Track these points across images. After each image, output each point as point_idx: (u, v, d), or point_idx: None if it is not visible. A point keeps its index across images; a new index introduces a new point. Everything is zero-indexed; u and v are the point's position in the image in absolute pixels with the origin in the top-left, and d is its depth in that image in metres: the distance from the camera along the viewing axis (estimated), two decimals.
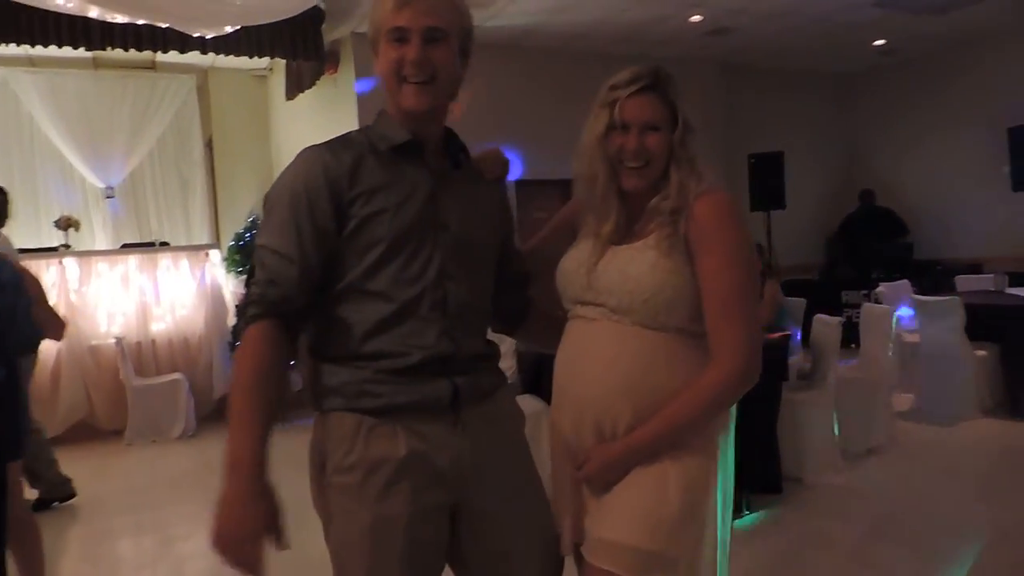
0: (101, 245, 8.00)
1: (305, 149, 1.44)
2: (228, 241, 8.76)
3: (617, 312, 1.44)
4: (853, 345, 5.42)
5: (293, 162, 1.43)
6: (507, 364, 4.36)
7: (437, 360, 1.39)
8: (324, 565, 1.46)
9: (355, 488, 1.36)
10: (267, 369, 1.32)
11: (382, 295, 1.38)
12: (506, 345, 4.37)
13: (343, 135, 1.48)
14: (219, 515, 1.26)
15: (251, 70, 8.77)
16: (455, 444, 1.40)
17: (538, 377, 4.19)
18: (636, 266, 1.42)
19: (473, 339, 1.48)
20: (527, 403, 4.11)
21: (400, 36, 1.38)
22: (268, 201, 1.42)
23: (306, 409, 1.48)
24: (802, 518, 3.69)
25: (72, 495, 4.57)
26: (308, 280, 1.36)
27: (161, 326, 6.71)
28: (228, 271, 7.75)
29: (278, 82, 8.40)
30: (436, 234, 1.41)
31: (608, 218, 1.49)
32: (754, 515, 3.68)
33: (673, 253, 1.41)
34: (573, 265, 1.52)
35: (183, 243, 7.99)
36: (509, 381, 4.40)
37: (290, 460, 1.80)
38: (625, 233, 1.49)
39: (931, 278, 7.68)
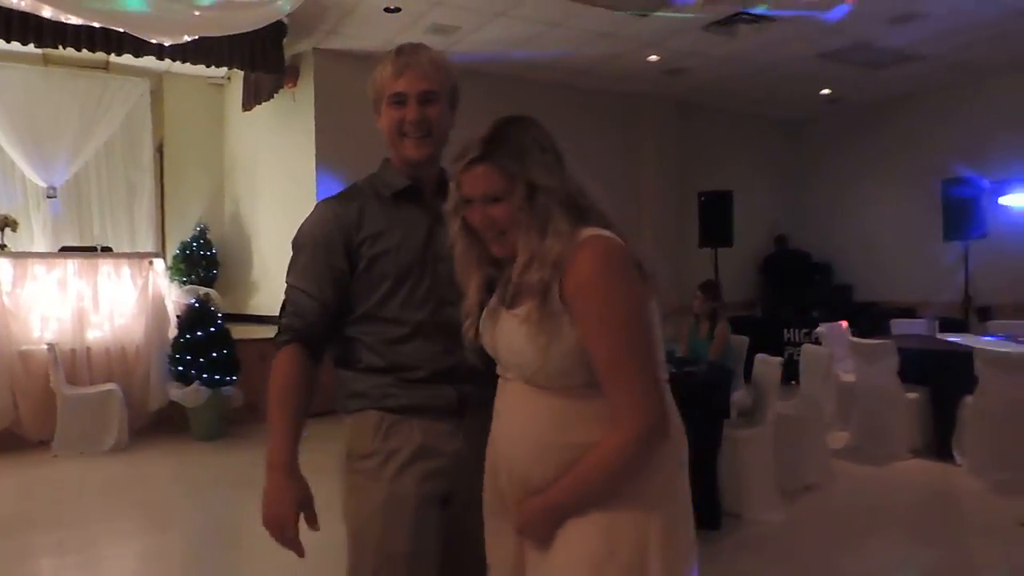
0: (39, 247, 7.74)
1: (320, 203, 1.75)
2: (174, 250, 8.57)
3: (518, 376, 1.44)
4: (793, 382, 5.56)
5: (312, 214, 1.74)
6: None
7: (443, 373, 1.65)
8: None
9: (374, 470, 1.64)
10: (294, 385, 1.63)
11: (394, 320, 1.66)
12: None
13: (352, 185, 1.77)
14: (264, 504, 1.58)
15: (208, 78, 8.65)
16: (456, 443, 1.66)
17: None
18: (517, 339, 1.40)
19: (477, 354, 1.60)
20: None
21: (399, 99, 1.65)
22: (295, 246, 1.72)
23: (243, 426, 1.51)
24: (740, 555, 3.75)
25: None
26: (327, 312, 1.67)
27: (98, 334, 6.49)
28: (172, 280, 7.57)
29: (235, 91, 8.31)
30: (435, 266, 1.66)
31: (470, 290, 1.51)
32: None
33: (546, 324, 1.36)
34: (483, 322, 1.51)
35: (126, 249, 7.78)
36: None
37: (228, 479, 1.84)
38: (514, 298, 1.44)
39: (868, 319, 7.95)
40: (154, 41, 5.73)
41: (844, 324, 6.85)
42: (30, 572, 3.76)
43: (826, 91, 9.14)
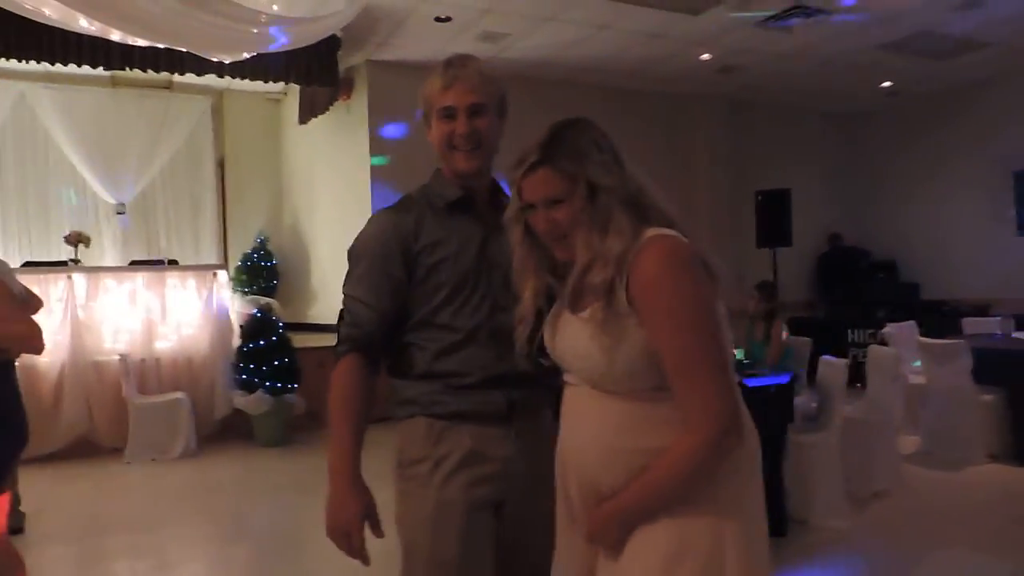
0: (110, 261, 8.04)
1: (377, 213, 1.78)
2: (236, 262, 8.80)
3: (582, 381, 1.44)
4: (859, 385, 5.40)
5: (369, 224, 1.76)
6: None
7: (494, 379, 1.66)
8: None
9: (424, 477, 1.66)
10: (354, 393, 1.65)
11: (448, 327, 1.68)
12: None
13: (405, 196, 1.79)
14: (327, 512, 1.60)
15: (266, 93, 8.86)
16: (507, 449, 1.68)
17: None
18: (582, 342, 1.39)
19: (523, 362, 1.62)
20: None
21: (449, 113, 1.67)
22: (352, 256, 1.74)
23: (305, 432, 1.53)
24: (807, 562, 3.65)
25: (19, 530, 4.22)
26: (384, 322, 1.68)
27: (166, 344, 6.71)
28: (235, 291, 7.77)
29: (292, 106, 8.49)
30: (489, 274, 1.69)
31: (526, 294, 1.52)
32: None
33: (612, 325, 1.34)
34: (546, 328, 1.51)
35: (191, 262, 8.02)
36: None
37: (292, 484, 1.88)
38: (577, 297, 1.43)
39: (937, 319, 7.66)
40: (215, 59, 5.91)
41: (912, 323, 6.62)
42: (106, 574, 3.90)
43: (886, 83, 8.86)
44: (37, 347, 2.65)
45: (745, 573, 1.35)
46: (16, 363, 2.81)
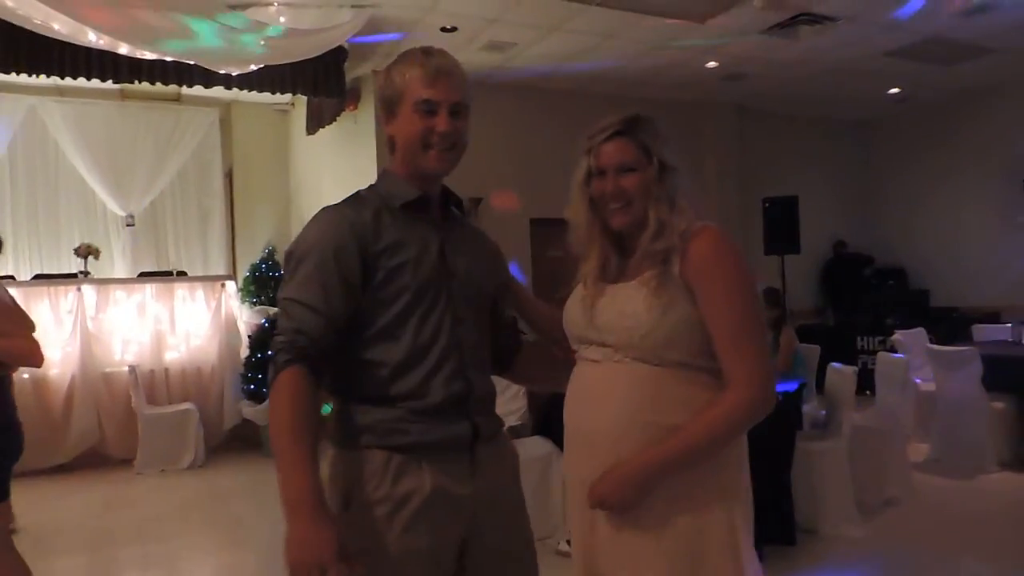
0: (120, 273, 8.08)
1: (326, 209, 1.56)
2: (244, 272, 8.84)
3: (618, 350, 1.50)
4: (868, 392, 5.37)
5: (317, 220, 1.54)
6: (517, 405, 4.35)
7: (456, 399, 1.51)
8: None
9: (383, 521, 1.44)
10: (305, 409, 1.40)
11: (406, 341, 1.49)
12: (517, 387, 4.35)
13: (354, 195, 1.61)
14: (290, 550, 1.34)
15: (273, 104, 8.91)
16: (471, 480, 1.51)
17: (548, 419, 4.17)
18: (631, 304, 1.49)
19: (484, 379, 1.61)
20: (538, 445, 4.09)
21: (430, 108, 1.51)
22: (293, 256, 1.52)
23: None
24: (817, 572, 3.62)
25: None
26: (333, 329, 1.46)
27: (175, 355, 6.74)
28: (243, 302, 7.80)
29: (299, 116, 8.54)
30: (449, 284, 1.54)
31: (591, 257, 1.60)
32: (768, 567, 3.61)
33: (665, 291, 1.47)
34: (574, 306, 1.61)
35: (200, 273, 8.06)
36: (520, 423, 4.40)
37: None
38: (620, 272, 1.57)
39: (947, 326, 7.62)
40: (222, 71, 5.96)
41: (922, 330, 6.59)
42: None
43: (894, 90, 8.84)
44: (37, 363, 2.66)
45: (750, 551, 1.50)
46: (13, 375, 2.82)
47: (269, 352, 1.47)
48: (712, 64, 7.58)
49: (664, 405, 1.46)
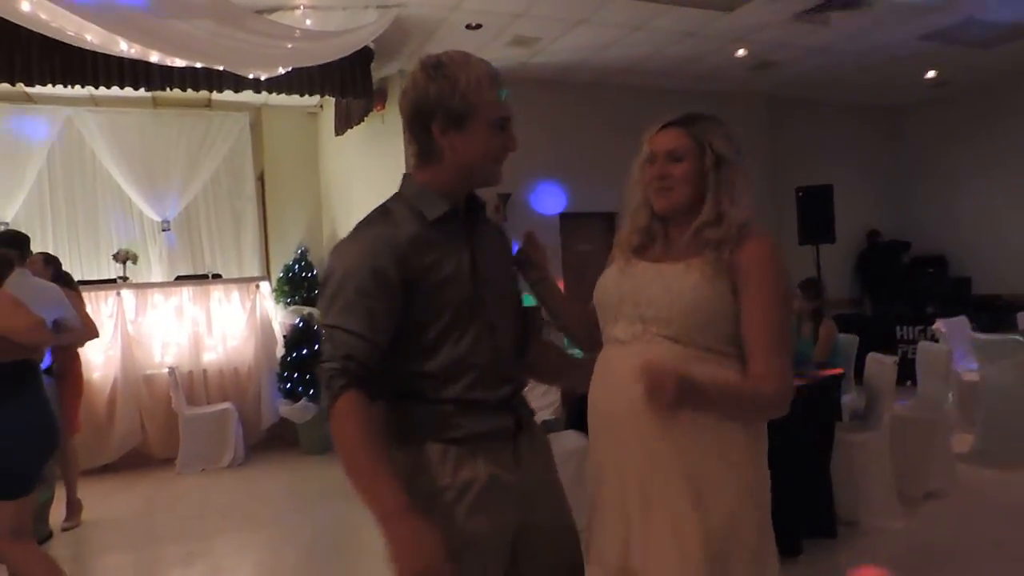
0: (157, 277, 8.22)
1: (360, 228, 1.55)
2: (278, 273, 8.94)
3: (654, 324, 1.55)
4: (909, 382, 5.26)
5: (353, 241, 1.53)
6: (551, 400, 4.34)
7: (500, 400, 1.58)
8: None
9: (447, 507, 1.49)
10: (372, 428, 1.44)
11: (446, 353, 1.53)
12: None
13: (382, 209, 1.59)
14: (405, 561, 1.34)
15: (302, 107, 8.99)
16: (517, 468, 1.58)
17: (582, 413, 4.15)
18: (680, 284, 1.54)
19: (518, 374, 1.68)
20: (572, 439, 4.08)
21: (503, 124, 1.55)
22: (332, 280, 1.50)
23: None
24: (859, 564, 3.56)
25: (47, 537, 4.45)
26: (379, 351, 1.48)
27: (212, 356, 6.84)
28: (277, 302, 7.89)
29: (328, 118, 8.60)
30: (482, 292, 1.57)
31: (636, 235, 1.67)
32: (809, 560, 3.56)
33: (715, 279, 1.53)
34: (613, 278, 1.67)
35: (235, 275, 8.17)
36: (553, 417, 4.40)
37: (338, 491, 1.85)
38: (664, 253, 1.64)
39: (990, 314, 7.44)
40: (251, 75, 6.02)
41: (964, 318, 6.44)
42: None
43: (931, 74, 8.64)
44: (42, 340, 2.79)
45: (773, 555, 1.58)
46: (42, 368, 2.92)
47: (317, 377, 1.53)
48: (741, 53, 7.48)
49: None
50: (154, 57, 5.46)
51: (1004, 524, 4.00)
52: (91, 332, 3.89)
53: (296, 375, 6.47)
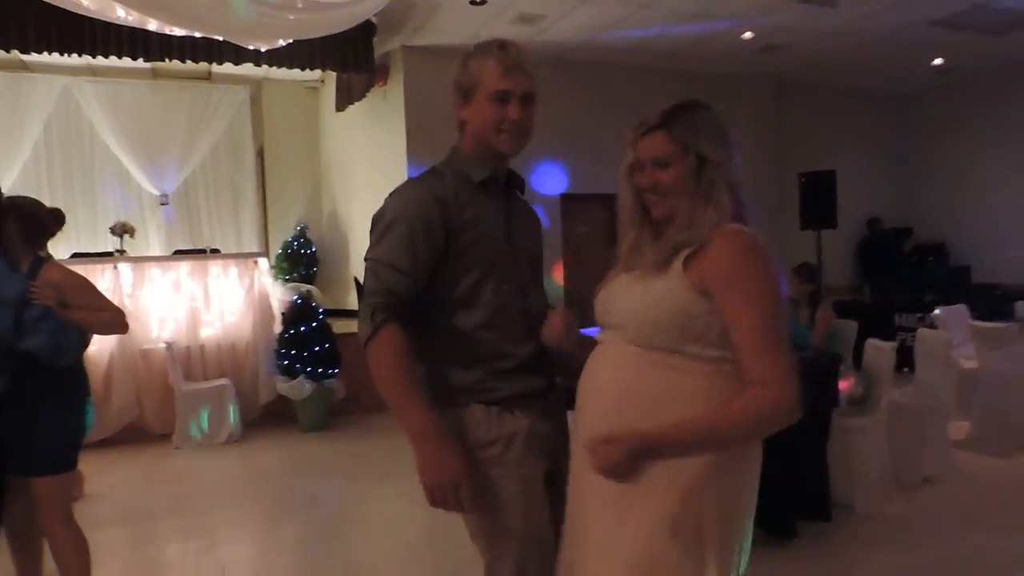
0: (155, 251, 8.20)
1: (412, 181, 1.74)
2: (276, 249, 8.91)
3: (620, 330, 1.56)
4: (906, 369, 5.26)
5: (405, 191, 1.71)
6: None
7: (532, 358, 1.72)
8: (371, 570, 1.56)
9: (499, 457, 1.66)
10: (408, 357, 1.61)
11: (480, 307, 1.68)
12: None
13: (432, 170, 1.75)
14: (425, 473, 1.56)
15: (303, 81, 8.92)
16: (551, 424, 1.75)
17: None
18: (641, 289, 1.53)
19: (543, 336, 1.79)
20: (570, 420, 4.08)
21: (503, 97, 1.68)
22: (383, 221, 1.67)
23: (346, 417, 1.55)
24: (852, 547, 3.58)
25: None
26: (418, 291, 1.65)
27: (210, 332, 6.82)
28: (275, 279, 7.87)
29: (329, 93, 8.54)
30: (516, 254, 1.74)
31: (625, 243, 1.64)
32: (803, 543, 3.58)
33: (662, 278, 1.49)
34: (600, 291, 1.67)
35: (233, 250, 8.14)
36: None
37: (335, 468, 1.88)
38: (647, 261, 1.58)
39: (989, 302, 7.43)
40: (251, 47, 5.96)
41: (963, 306, 6.43)
42: (159, 556, 4.00)
43: (938, 61, 8.57)
44: (124, 330, 2.84)
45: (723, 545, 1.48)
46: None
47: (359, 308, 1.65)
48: (748, 35, 7.41)
49: (645, 387, 1.49)
50: (152, 26, 5.38)
51: (1000, 510, 4.01)
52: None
53: (294, 352, 6.46)
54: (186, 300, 6.76)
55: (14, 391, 2.49)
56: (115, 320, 2.79)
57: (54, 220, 2.94)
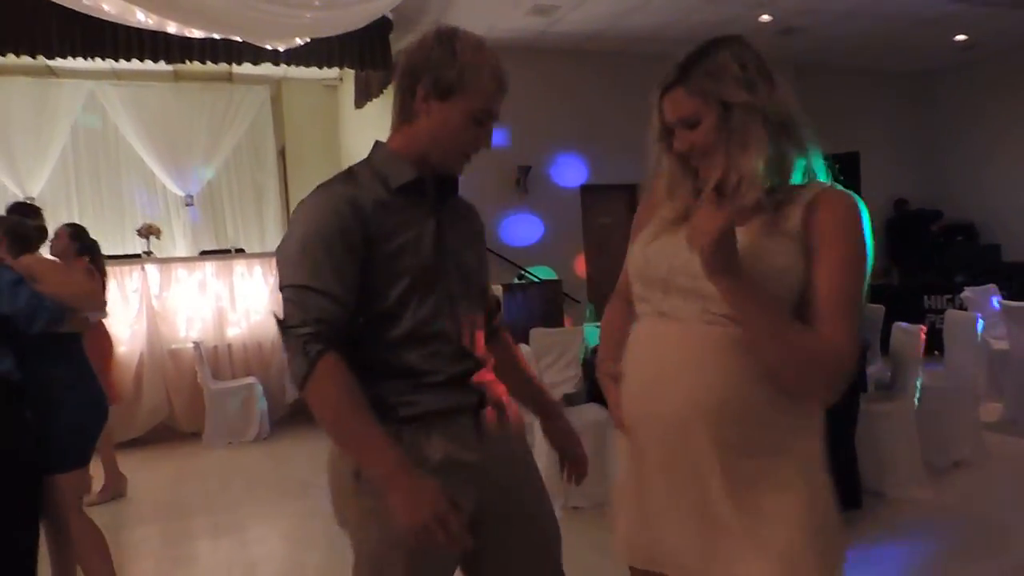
0: (181, 252, 8.30)
1: (322, 188, 1.49)
2: None
3: (715, 302, 1.29)
4: (936, 352, 5.19)
5: (316, 200, 1.47)
6: (572, 373, 4.33)
7: (462, 375, 1.52)
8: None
9: None
10: (356, 388, 1.39)
11: (407, 321, 1.47)
12: (571, 354, 4.33)
13: (348, 172, 1.54)
14: (405, 512, 1.34)
15: (322, 80, 8.97)
16: (480, 446, 1.51)
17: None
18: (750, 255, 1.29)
19: (481, 351, 1.60)
20: (593, 411, 4.08)
21: (485, 119, 1.49)
22: (296, 239, 1.44)
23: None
24: (884, 534, 3.54)
25: None
26: (350, 313, 1.43)
27: (236, 331, 6.91)
28: None
29: (348, 91, 8.58)
30: (446, 262, 1.52)
31: (677, 200, 1.42)
32: None
33: (778, 239, 1.31)
34: (657, 247, 1.41)
35: (257, 250, 8.22)
36: (574, 390, 4.38)
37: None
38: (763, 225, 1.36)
39: (1020, 281, 7.30)
40: (269, 47, 6.00)
41: (993, 286, 6.32)
42: (190, 553, 4.07)
43: (961, 37, 8.41)
44: (100, 305, 2.93)
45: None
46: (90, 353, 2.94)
47: (285, 345, 1.43)
48: (766, 18, 7.32)
49: (760, 374, 1.29)
50: (172, 28, 5.45)
51: None
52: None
53: None
54: (212, 300, 6.84)
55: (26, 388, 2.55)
56: (86, 291, 2.85)
57: (38, 235, 3.11)
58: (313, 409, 1.40)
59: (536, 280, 7.19)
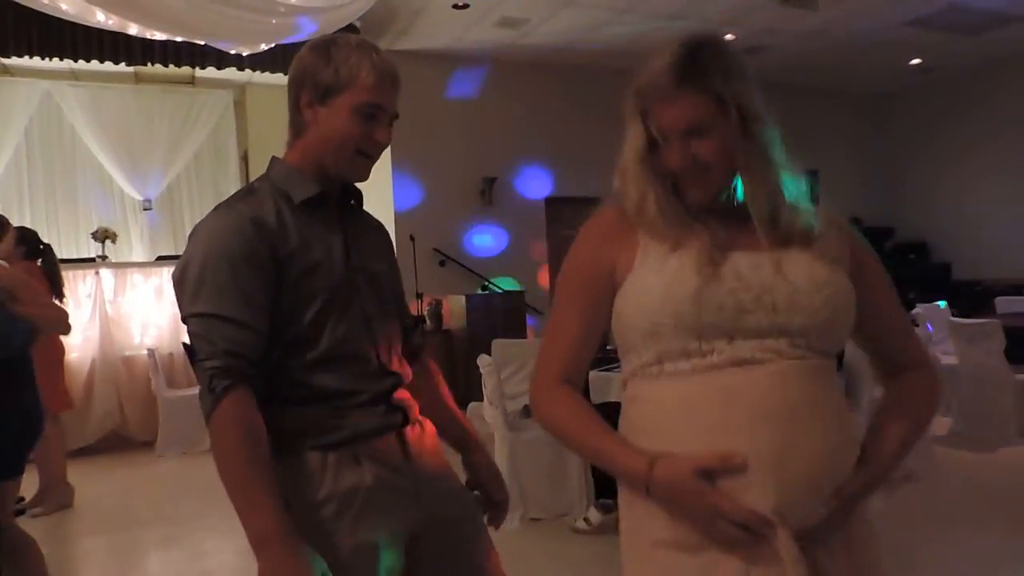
0: (138, 257, 8.14)
1: (221, 208, 1.40)
2: None
3: (801, 335, 1.12)
4: None
5: (216, 222, 1.36)
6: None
7: (383, 393, 1.46)
8: None
9: (330, 521, 1.36)
10: (258, 436, 1.28)
11: (324, 343, 1.39)
12: (532, 365, 4.33)
13: (247, 189, 1.47)
14: None
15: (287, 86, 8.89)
16: (408, 465, 1.46)
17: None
18: (820, 272, 1.15)
19: (403, 367, 1.55)
20: None
21: (373, 113, 1.40)
22: (197, 263, 1.33)
23: None
24: None
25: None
26: (262, 340, 1.33)
27: None
28: None
29: None
30: (357, 278, 1.46)
31: (693, 232, 1.17)
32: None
33: (841, 263, 1.20)
34: (718, 290, 1.13)
35: None
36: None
37: None
38: (728, 242, 1.17)
39: (970, 299, 7.52)
40: (233, 52, 5.94)
41: (943, 303, 6.50)
42: (140, 565, 3.97)
43: (916, 60, 8.68)
44: (65, 330, 2.86)
45: None
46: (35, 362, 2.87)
47: (196, 378, 1.34)
48: (729, 37, 7.46)
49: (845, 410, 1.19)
50: (133, 29, 5.36)
51: (981, 506, 4.05)
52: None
53: None
54: (168, 306, 6.71)
55: None
56: (59, 316, 2.82)
57: None
58: (212, 448, 1.30)
59: (499, 291, 7.20)
